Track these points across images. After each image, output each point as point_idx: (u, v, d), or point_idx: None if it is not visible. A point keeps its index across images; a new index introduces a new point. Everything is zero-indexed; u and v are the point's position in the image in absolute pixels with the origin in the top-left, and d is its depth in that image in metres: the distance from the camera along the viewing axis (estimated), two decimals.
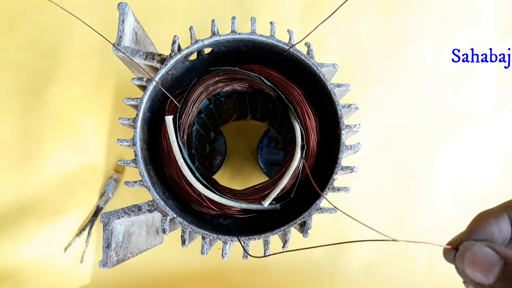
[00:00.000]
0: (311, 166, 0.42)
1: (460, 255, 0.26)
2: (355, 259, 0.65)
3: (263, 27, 0.46)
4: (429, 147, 0.67)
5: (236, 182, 0.67)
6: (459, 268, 0.26)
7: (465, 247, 0.26)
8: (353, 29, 0.69)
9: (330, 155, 0.41)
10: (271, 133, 0.65)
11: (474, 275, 0.25)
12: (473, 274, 0.25)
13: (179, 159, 0.40)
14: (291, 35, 0.43)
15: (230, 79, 0.43)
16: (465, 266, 0.25)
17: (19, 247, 0.65)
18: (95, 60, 0.68)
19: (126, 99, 0.41)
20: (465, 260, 0.25)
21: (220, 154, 0.65)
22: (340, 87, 0.41)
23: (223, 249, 0.40)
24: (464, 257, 0.25)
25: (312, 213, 0.39)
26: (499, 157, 0.67)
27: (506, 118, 0.68)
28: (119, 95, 0.68)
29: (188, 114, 0.42)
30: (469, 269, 0.25)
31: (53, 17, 0.69)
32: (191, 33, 0.42)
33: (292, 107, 0.42)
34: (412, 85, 0.68)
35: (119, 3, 0.40)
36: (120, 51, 0.40)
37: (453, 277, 0.72)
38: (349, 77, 0.65)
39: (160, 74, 0.41)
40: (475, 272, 0.25)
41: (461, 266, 0.26)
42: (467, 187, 0.66)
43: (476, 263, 0.25)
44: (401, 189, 0.66)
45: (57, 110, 0.68)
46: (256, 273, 0.64)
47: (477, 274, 0.24)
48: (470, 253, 0.25)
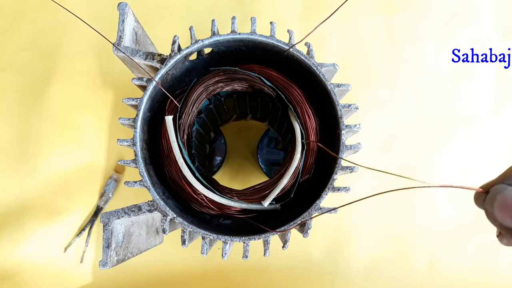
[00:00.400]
0: (311, 166, 0.42)
1: (490, 198, 0.25)
2: (355, 259, 0.65)
3: (263, 27, 0.46)
4: (429, 147, 0.67)
5: (236, 182, 0.67)
6: (489, 211, 0.25)
7: (496, 190, 0.25)
8: (353, 29, 0.69)
9: (330, 155, 0.41)
10: (271, 133, 0.65)
11: (503, 219, 0.24)
12: (502, 217, 0.24)
13: (179, 159, 0.40)
14: (291, 35, 0.43)
15: (230, 79, 0.43)
16: (495, 209, 0.24)
17: (19, 247, 0.64)
18: (95, 60, 0.68)
19: (126, 99, 0.41)
20: (496, 203, 0.24)
21: (220, 154, 0.65)
22: (340, 87, 0.41)
23: (223, 249, 0.39)
24: (495, 200, 0.25)
25: (312, 213, 0.39)
26: (499, 157, 0.67)
27: (506, 118, 0.68)
28: (119, 95, 0.68)
29: (188, 114, 0.42)
30: (498, 212, 0.24)
31: (53, 17, 0.69)
32: (191, 33, 0.42)
33: (292, 107, 0.42)
34: (412, 85, 0.68)
35: (119, 3, 0.40)
36: (120, 51, 0.40)
37: (453, 277, 0.72)
38: (349, 77, 0.65)
39: (160, 74, 0.41)
40: (504, 216, 0.24)
41: (490, 209, 0.25)
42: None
43: (506, 206, 0.24)
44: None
45: (57, 110, 0.68)
46: (256, 273, 0.64)
47: (507, 217, 0.24)
48: (501, 196, 0.24)
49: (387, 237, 0.65)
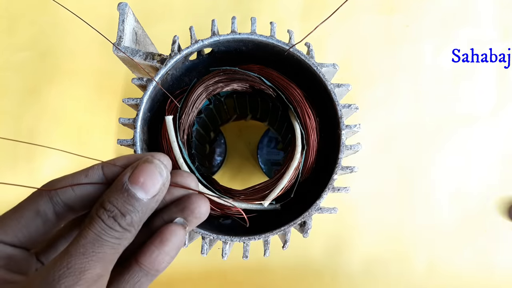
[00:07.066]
0: (311, 166, 0.42)
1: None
2: (355, 259, 0.65)
3: (263, 27, 0.46)
4: (429, 147, 0.67)
5: (236, 182, 0.67)
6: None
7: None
8: (353, 29, 0.69)
9: (330, 155, 0.41)
10: (271, 133, 0.65)
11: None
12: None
13: (179, 159, 0.40)
14: (291, 35, 0.43)
15: (230, 79, 0.43)
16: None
17: None
18: (95, 60, 0.68)
19: (126, 99, 0.41)
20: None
21: (220, 154, 0.65)
22: (340, 87, 0.41)
23: (223, 249, 0.40)
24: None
25: (312, 213, 0.39)
26: (499, 157, 0.67)
27: (506, 118, 0.68)
28: (119, 95, 0.68)
29: (188, 114, 0.42)
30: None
31: (53, 17, 0.69)
32: (191, 33, 0.42)
33: (292, 107, 0.42)
34: (412, 85, 0.68)
35: (119, 3, 0.40)
36: (120, 51, 0.40)
37: (453, 277, 0.72)
38: (349, 77, 0.65)
39: (160, 74, 0.41)
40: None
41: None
42: (467, 187, 0.66)
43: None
44: (401, 189, 0.66)
45: (57, 110, 0.68)
46: (256, 273, 0.64)
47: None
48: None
49: (387, 237, 0.65)
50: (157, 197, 0.23)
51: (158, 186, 0.23)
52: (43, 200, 0.24)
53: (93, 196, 0.25)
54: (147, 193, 0.23)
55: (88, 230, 0.22)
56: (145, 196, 0.23)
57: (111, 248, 0.22)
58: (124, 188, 0.23)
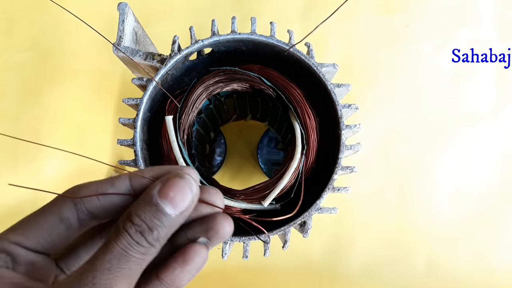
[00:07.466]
0: (311, 166, 0.42)
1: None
2: (355, 259, 0.65)
3: (263, 27, 0.46)
4: (429, 147, 0.67)
5: (236, 182, 0.67)
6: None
7: None
8: (353, 29, 0.69)
9: (330, 155, 0.41)
10: (271, 133, 0.65)
11: None
12: None
13: (179, 159, 0.40)
14: (291, 35, 0.43)
15: (230, 79, 0.43)
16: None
17: None
18: (95, 60, 0.68)
19: (126, 99, 0.41)
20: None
21: (220, 154, 0.65)
22: (340, 87, 0.41)
23: (223, 249, 0.39)
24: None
25: (312, 213, 0.39)
26: (499, 157, 0.67)
27: (506, 118, 0.68)
28: (119, 95, 0.68)
29: (188, 114, 0.42)
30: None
31: (53, 17, 0.69)
32: (191, 33, 0.42)
33: (292, 107, 0.42)
34: (412, 85, 0.68)
35: (119, 3, 0.40)
36: (120, 51, 0.40)
37: (453, 277, 0.72)
38: (349, 77, 0.65)
39: (160, 74, 0.41)
40: None
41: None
42: (467, 187, 0.66)
43: None
44: (401, 189, 0.66)
45: (57, 110, 0.67)
46: (256, 273, 0.64)
47: None
48: None
49: (387, 237, 0.65)
50: (185, 213, 0.23)
51: (187, 202, 0.23)
52: (67, 206, 0.24)
53: (118, 206, 0.24)
54: (176, 208, 0.22)
55: (114, 244, 0.21)
56: (173, 212, 0.22)
57: (137, 264, 0.21)
58: (153, 201, 0.22)
